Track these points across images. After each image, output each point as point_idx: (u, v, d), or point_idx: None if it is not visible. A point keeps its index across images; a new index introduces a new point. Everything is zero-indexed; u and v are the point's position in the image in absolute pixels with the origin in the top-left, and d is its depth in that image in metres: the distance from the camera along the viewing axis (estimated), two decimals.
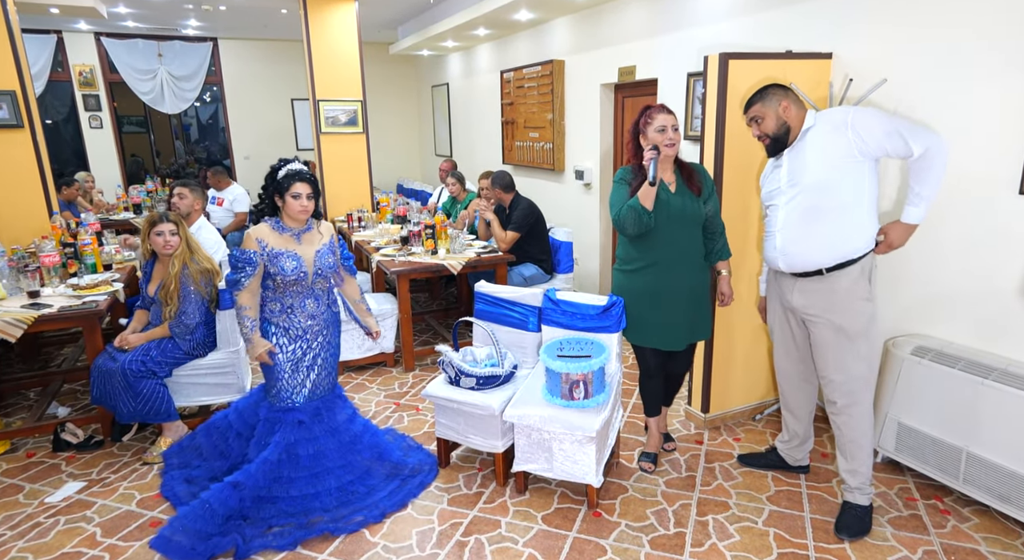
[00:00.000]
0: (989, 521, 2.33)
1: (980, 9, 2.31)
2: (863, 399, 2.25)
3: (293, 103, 8.75)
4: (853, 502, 2.33)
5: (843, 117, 2.14)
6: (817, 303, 2.26)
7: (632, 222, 2.33)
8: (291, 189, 2.35)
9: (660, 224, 2.38)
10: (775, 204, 2.32)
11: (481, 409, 2.53)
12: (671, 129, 2.36)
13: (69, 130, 8.03)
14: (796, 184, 2.21)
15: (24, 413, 3.36)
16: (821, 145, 2.17)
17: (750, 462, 2.76)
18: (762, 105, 2.26)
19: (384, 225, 5.03)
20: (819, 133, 2.19)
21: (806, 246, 2.22)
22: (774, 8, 3.16)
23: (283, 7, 6.23)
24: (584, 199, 5.15)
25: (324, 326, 2.53)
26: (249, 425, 2.60)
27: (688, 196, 2.43)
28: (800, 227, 2.22)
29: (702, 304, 2.56)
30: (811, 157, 2.18)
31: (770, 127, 2.25)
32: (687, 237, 2.44)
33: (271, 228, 2.42)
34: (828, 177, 2.14)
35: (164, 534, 2.20)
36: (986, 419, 2.25)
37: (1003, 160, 2.29)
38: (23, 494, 2.63)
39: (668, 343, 2.54)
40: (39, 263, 3.32)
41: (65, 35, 7.54)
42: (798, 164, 2.22)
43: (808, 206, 2.19)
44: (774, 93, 2.25)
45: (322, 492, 2.43)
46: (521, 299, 2.85)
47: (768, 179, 2.38)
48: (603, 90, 4.73)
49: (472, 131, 7.47)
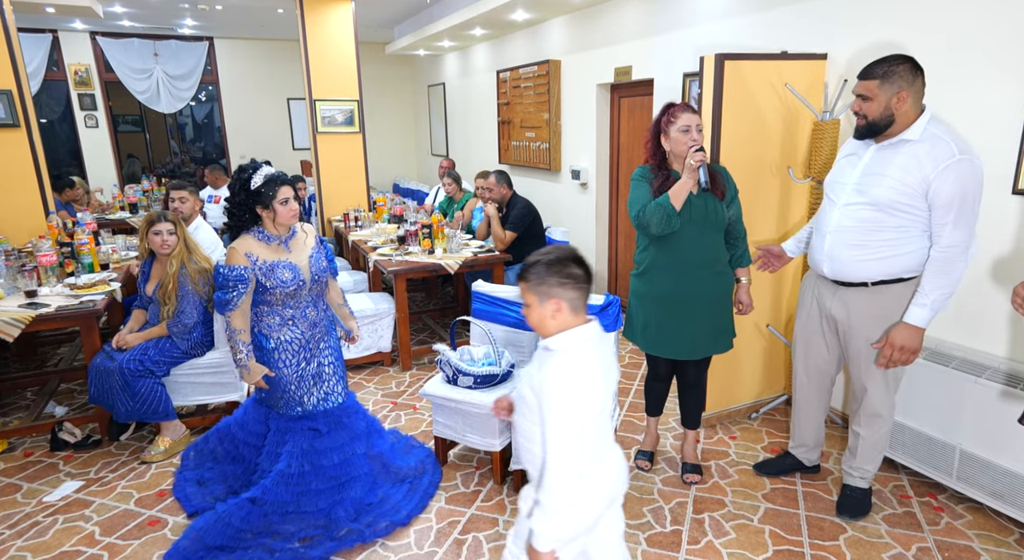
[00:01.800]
0: (982, 518, 2.36)
1: (973, 11, 2.34)
2: (887, 413, 2.26)
3: (289, 103, 8.75)
4: (854, 485, 2.38)
5: (946, 160, 1.89)
6: (858, 315, 2.16)
7: (658, 221, 2.22)
8: (277, 196, 2.24)
9: (683, 226, 2.28)
10: (832, 198, 2.16)
11: (479, 408, 2.54)
12: (695, 129, 2.25)
13: (64, 129, 8.00)
14: (864, 193, 2.03)
15: (21, 412, 3.36)
16: (909, 167, 1.95)
17: (767, 469, 2.66)
18: (880, 85, 1.94)
19: (381, 225, 5.03)
20: (915, 153, 1.95)
21: (856, 255, 2.08)
22: (770, 9, 3.18)
23: (279, 7, 6.22)
24: (580, 199, 5.17)
25: (325, 331, 2.47)
26: (256, 434, 2.52)
27: (711, 199, 2.32)
28: (853, 235, 2.07)
29: (724, 313, 2.44)
30: (895, 173, 1.97)
31: (875, 111, 1.97)
32: (709, 241, 2.35)
33: (256, 239, 2.30)
34: (900, 201, 1.97)
35: (180, 546, 2.17)
36: (979, 417, 2.27)
37: (997, 160, 2.31)
38: (21, 493, 2.63)
39: (684, 353, 2.43)
40: (36, 263, 3.32)
41: (61, 34, 7.51)
42: (877, 171, 2.02)
43: (868, 218, 2.03)
44: (901, 75, 1.93)
45: (346, 499, 2.35)
46: (518, 298, 2.86)
47: (840, 165, 2.19)
48: (599, 90, 4.75)
49: (468, 131, 7.47)
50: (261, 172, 2.26)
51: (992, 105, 2.31)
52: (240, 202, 2.27)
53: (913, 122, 1.98)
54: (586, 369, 1.40)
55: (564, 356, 1.41)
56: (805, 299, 2.40)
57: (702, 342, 2.43)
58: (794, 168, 2.95)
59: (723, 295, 2.44)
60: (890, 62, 1.95)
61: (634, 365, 3.91)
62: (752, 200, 2.88)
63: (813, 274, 2.35)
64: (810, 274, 2.39)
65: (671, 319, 2.39)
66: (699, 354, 2.45)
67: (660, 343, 2.44)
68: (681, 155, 2.28)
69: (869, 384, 2.23)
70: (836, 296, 2.22)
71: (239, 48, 8.39)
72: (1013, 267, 2.33)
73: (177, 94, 8.15)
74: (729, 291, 2.47)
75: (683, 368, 2.57)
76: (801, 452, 2.62)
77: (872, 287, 2.11)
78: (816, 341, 2.37)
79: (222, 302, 2.23)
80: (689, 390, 2.62)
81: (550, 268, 1.44)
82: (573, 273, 1.44)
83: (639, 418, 3.21)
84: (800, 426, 2.57)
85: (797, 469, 2.65)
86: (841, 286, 2.19)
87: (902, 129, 1.98)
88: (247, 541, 2.19)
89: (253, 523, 2.22)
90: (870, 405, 2.26)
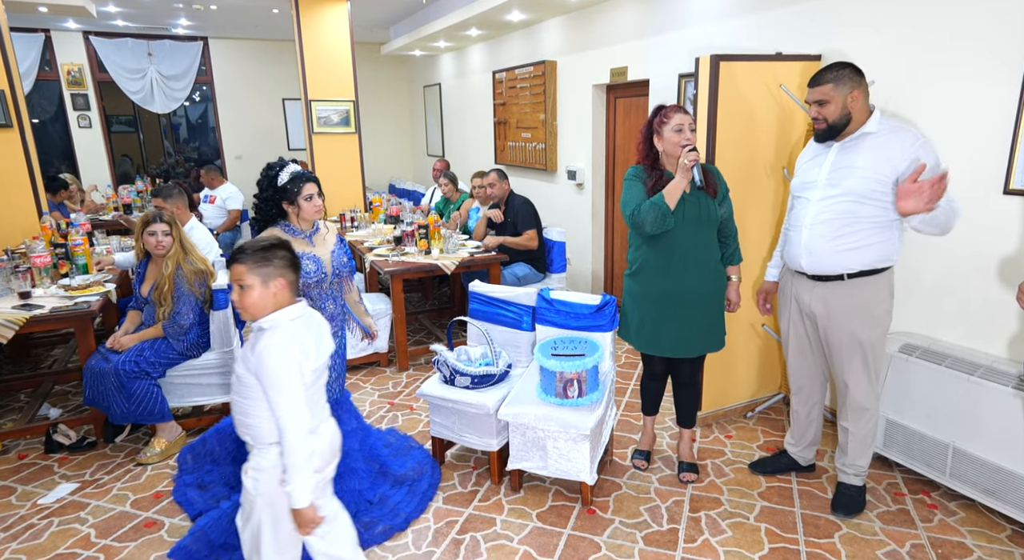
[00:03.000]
0: (975, 515, 2.38)
1: (966, 12, 2.36)
2: (872, 405, 2.29)
3: (284, 103, 8.72)
4: (848, 483, 2.40)
5: (912, 143, 2.04)
6: (836, 309, 2.21)
7: (653, 220, 2.24)
8: (303, 192, 2.33)
9: (676, 225, 2.31)
10: (805, 197, 2.22)
11: (476, 408, 2.55)
12: (688, 129, 2.29)
13: (57, 129, 7.95)
14: (837, 185, 2.12)
15: (15, 414, 3.34)
16: (877, 156, 2.06)
17: (763, 468, 2.68)
18: (834, 88, 2.09)
19: (377, 225, 5.03)
20: (878, 143, 2.08)
21: (834, 247, 2.14)
22: (764, 10, 3.20)
23: (274, 7, 6.20)
24: (576, 199, 5.18)
25: (339, 326, 2.50)
26: None
27: (704, 197, 2.35)
28: (831, 228, 2.14)
29: (716, 312, 2.47)
30: (862, 164, 2.08)
31: (833, 113, 2.11)
32: (702, 239, 2.37)
33: (283, 232, 2.38)
34: (874, 189, 2.06)
35: (183, 544, 2.17)
36: (972, 415, 2.30)
37: (988, 160, 2.34)
38: (15, 496, 2.62)
39: (679, 351, 2.46)
40: (30, 264, 3.30)
41: (53, 34, 7.47)
42: (845, 164, 2.12)
43: (844, 211, 2.11)
44: (849, 77, 2.08)
45: (346, 490, 2.35)
46: (515, 298, 2.87)
47: (805, 167, 2.28)
48: (595, 91, 4.76)
49: (464, 131, 7.47)
50: (288, 169, 2.35)
51: (984, 107, 2.33)
52: (267, 198, 2.36)
53: (868, 118, 2.13)
54: (298, 340, 1.58)
55: (276, 331, 1.58)
56: (784, 300, 2.46)
57: (696, 340, 2.45)
58: (788, 168, 2.97)
59: (716, 294, 2.46)
60: (836, 68, 2.12)
61: (630, 365, 3.92)
62: (746, 200, 2.89)
63: (789, 274, 2.40)
64: (786, 274, 2.44)
65: (665, 318, 2.42)
66: (693, 353, 2.48)
67: (654, 342, 2.47)
68: (674, 155, 2.31)
69: (850, 379, 2.27)
70: (813, 292, 2.27)
71: (234, 48, 8.36)
72: (1001, 267, 2.35)
73: (171, 94, 8.11)
74: (722, 290, 2.49)
75: (678, 367, 2.59)
76: (797, 450, 2.64)
77: (848, 280, 2.18)
78: (801, 340, 2.43)
79: None
80: (684, 389, 2.64)
81: (273, 251, 1.60)
82: (291, 257, 1.64)
83: (635, 417, 3.22)
84: (797, 421, 2.59)
85: (793, 468, 2.66)
86: (818, 281, 2.24)
87: (859, 125, 2.13)
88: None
89: None
90: (854, 400, 2.29)
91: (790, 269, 2.39)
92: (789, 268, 2.39)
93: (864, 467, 2.39)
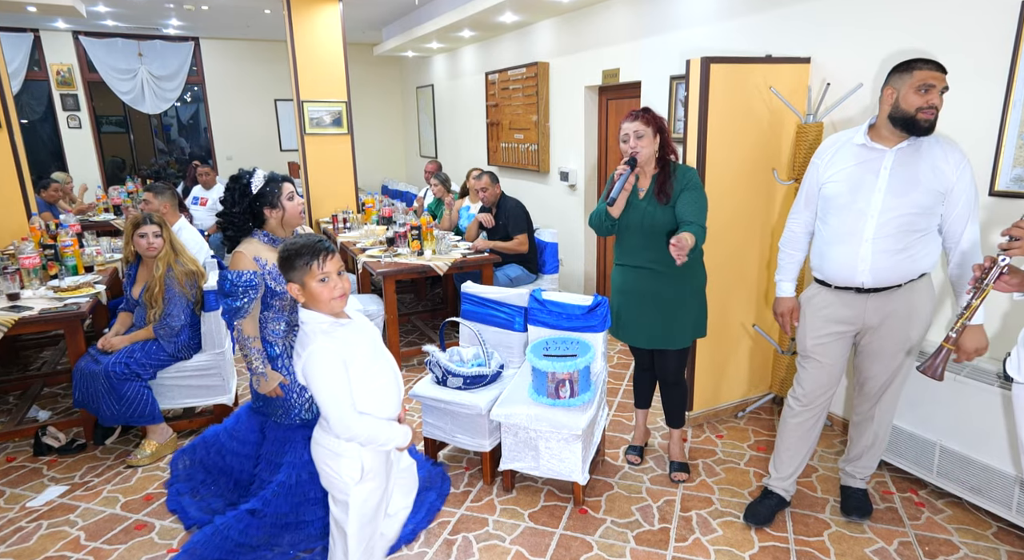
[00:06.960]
0: (962, 512, 2.41)
1: (952, 16, 2.39)
2: (893, 408, 2.29)
3: (276, 104, 8.70)
4: (856, 487, 2.42)
5: (960, 162, 1.97)
6: (893, 315, 2.11)
7: (597, 226, 2.47)
8: (283, 192, 2.24)
9: (627, 229, 2.45)
10: (857, 208, 2.03)
11: (468, 409, 2.55)
12: (633, 137, 2.31)
13: (46, 130, 7.89)
14: (904, 196, 1.98)
15: (3, 417, 3.31)
16: (935, 168, 1.97)
17: (756, 518, 2.36)
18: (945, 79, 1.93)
19: (369, 226, 5.02)
20: (933, 154, 1.98)
21: (899, 260, 2.03)
22: (755, 13, 3.22)
23: (266, 7, 6.19)
24: (569, 200, 5.19)
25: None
26: (248, 443, 2.42)
27: (653, 204, 2.38)
28: (897, 242, 2.01)
29: (675, 314, 2.45)
30: (926, 176, 1.97)
31: (941, 106, 1.93)
32: (651, 245, 2.40)
33: (262, 242, 2.24)
34: (935, 202, 1.99)
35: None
36: (959, 414, 2.33)
37: (974, 162, 2.35)
38: (4, 499, 2.60)
39: (641, 341, 2.54)
40: (18, 265, 3.27)
41: (42, 34, 7.41)
42: (909, 174, 1.98)
43: (907, 223, 2.00)
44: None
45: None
46: (507, 299, 2.88)
47: (851, 173, 2.05)
48: (587, 92, 4.78)
49: (457, 133, 7.48)
50: (258, 173, 2.26)
51: (971, 109, 2.36)
52: (244, 208, 2.23)
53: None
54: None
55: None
56: (813, 317, 2.22)
57: (657, 336, 2.51)
58: (778, 170, 2.99)
59: (671, 297, 2.44)
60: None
61: (622, 365, 3.93)
62: (736, 201, 2.92)
63: (824, 290, 2.19)
64: (815, 291, 2.22)
65: (628, 310, 2.55)
66: (655, 345, 2.53)
67: (622, 330, 2.60)
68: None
69: (895, 382, 2.21)
70: (868, 305, 2.12)
71: (225, 49, 8.33)
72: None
73: (162, 95, 8.07)
74: (680, 293, 2.44)
75: (662, 364, 2.61)
76: (784, 486, 2.41)
77: (905, 286, 2.09)
78: (835, 356, 2.22)
79: (232, 310, 2.14)
80: (670, 389, 2.67)
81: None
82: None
83: (627, 418, 3.24)
84: (789, 458, 2.36)
85: (783, 506, 2.43)
86: (873, 292, 2.11)
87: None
88: (246, 555, 2.13)
89: (252, 536, 2.15)
90: (887, 404, 2.25)
91: (827, 285, 2.18)
92: (827, 284, 2.18)
93: (873, 469, 2.41)
